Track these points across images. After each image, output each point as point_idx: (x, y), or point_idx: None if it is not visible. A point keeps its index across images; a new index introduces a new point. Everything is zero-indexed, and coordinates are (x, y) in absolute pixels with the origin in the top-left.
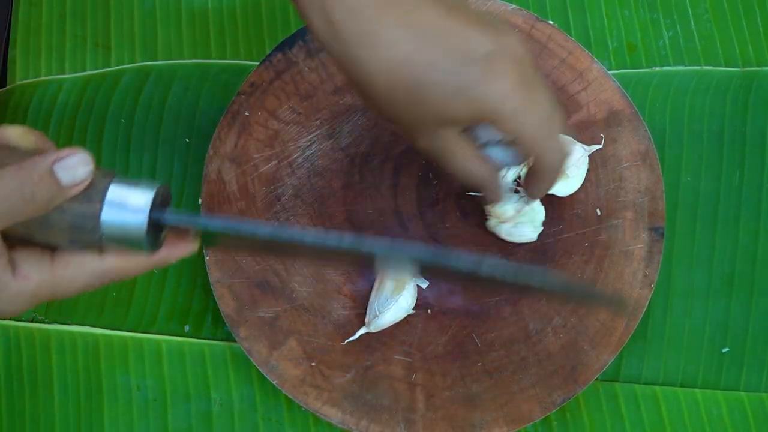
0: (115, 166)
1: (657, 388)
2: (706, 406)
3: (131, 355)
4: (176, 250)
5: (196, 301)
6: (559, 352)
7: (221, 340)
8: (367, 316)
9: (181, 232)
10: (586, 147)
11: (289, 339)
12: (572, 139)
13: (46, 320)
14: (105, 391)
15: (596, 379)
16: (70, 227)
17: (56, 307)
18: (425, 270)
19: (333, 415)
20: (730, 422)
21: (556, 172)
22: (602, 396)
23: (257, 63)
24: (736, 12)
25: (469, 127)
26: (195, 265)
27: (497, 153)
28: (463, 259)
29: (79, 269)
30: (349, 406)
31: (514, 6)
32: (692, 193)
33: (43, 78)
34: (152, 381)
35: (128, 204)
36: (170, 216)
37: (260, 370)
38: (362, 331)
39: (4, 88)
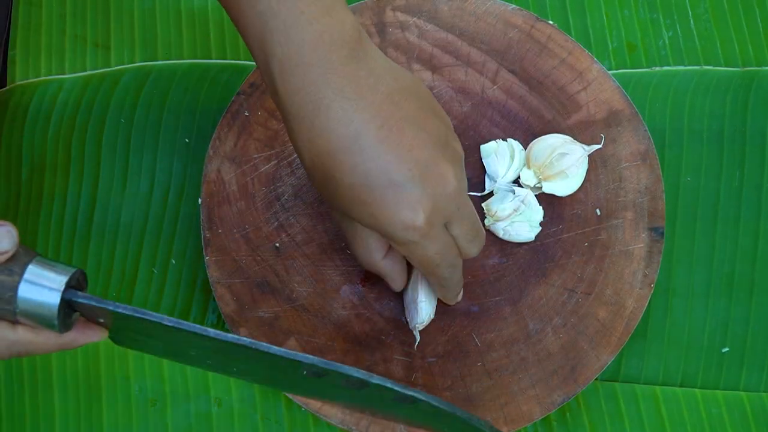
0: (115, 166)
1: (657, 387)
2: (706, 406)
3: (131, 355)
4: (85, 335)
5: (195, 301)
6: (558, 352)
7: None
8: (412, 311)
9: (92, 319)
10: (585, 147)
11: (289, 339)
12: (571, 139)
13: None
14: (104, 391)
15: (596, 378)
16: None
17: None
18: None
19: (333, 415)
20: (730, 422)
21: (447, 298)
22: (602, 396)
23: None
24: (736, 12)
25: None
26: (195, 265)
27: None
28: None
29: None
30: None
31: (514, 6)
32: (692, 193)
33: (43, 78)
34: (152, 381)
35: (45, 282)
36: (81, 298)
37: None
38: (419, 327)
39: (4, 88)
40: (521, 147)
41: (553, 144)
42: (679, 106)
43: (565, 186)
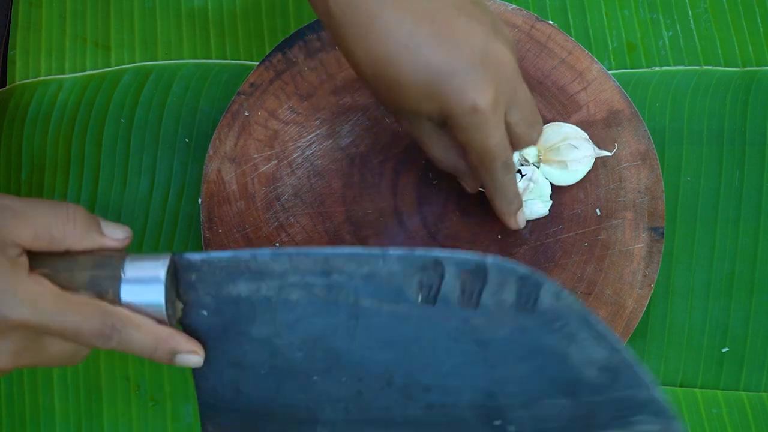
0: (115, 166)
1: None
2: (706, 406)
3: (131, 354)
4: (183, 337)
5: None
6: None
7: None
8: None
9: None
10: (596, 149)
11: None
12: (587, 137)
13: None
14: (104, 389)
15: None
16: (92, 275)
17: None
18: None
19: None
20: (730, 422)
21: (505, 200)
22: None
23: (257, 63)
24: (736, 12)
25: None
26: None
27: None
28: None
29: (90, 301)
30: None
31: (513, 6)
32: (692, 193)
33: (43, 78)
34: (152, 381)
35: (146, 268)
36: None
37: None
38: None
39: (4, 88)
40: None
41: (567, 133)
42: (679, 106)
43: (560, 176)
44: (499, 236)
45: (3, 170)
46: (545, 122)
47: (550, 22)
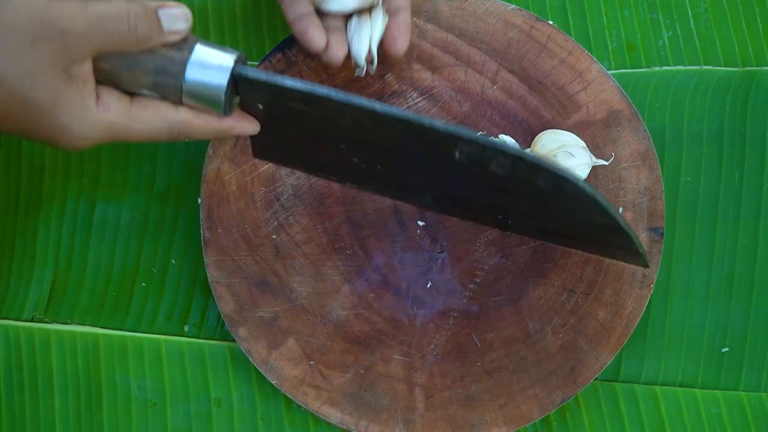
0: (114, 165)
1: (656, 387)
2: (706, 406)
3: (131, 354)
4: (241, 124)
5: (195, 301)
6: (558, 352)
7: (221, 340)
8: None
9: (249, 109)
10: (593, 158)
11: (289, 339)
12: (584, 145)
13: (47, 320)
14: (104, 390)
15: (595, 379)
16: (156, 70)
17: (56, 307)
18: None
19: (332, 415)
20: (730, 422)
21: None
22: (602, 396)
23: (257, 63)
24: (736, 12)
25: None
26: (195, 265)
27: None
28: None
29: (155, 113)
30: (349, 406)
31: (513, 6)
32: (692, 193)
33: None
34: (152, 381)
35: (212, 62)
36: (251, 72)
37: (259, 370)
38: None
39: None
40: (514, 141)
41: (564, 141)
42: (678, 106)
43: None
44: (499, 237)
45: (3, 170)
46: (544, 123)
47: (550, 22)
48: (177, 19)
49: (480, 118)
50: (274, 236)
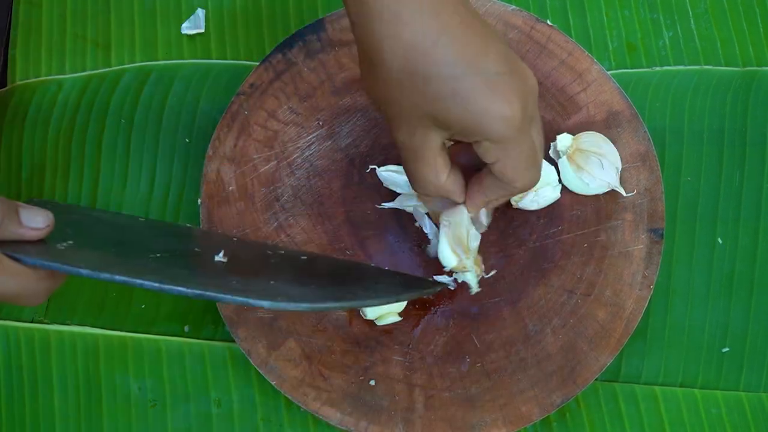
0: (114, 166)
1: (656, 388)
2: (706, 406)
3: (131, 355)
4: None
5: (195, 301)
6: (558, 353)
7: (221, 340)
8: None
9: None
10: (617, 182)
11: (288, 340)
12: (619, 168)
13: (46, 320)
14: (104, 391)
15: (596, 379)
16: None
17: (56, 308)
18: None
19: (332, 415)
20: (729, 422)
21: (503, 201)
22: (602, 396)
23: (257, 63)
24: (736, 12)
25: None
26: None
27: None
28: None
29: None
30: (348, 406)
31: (513, 6)
32: (692, 193)
33: (43, 78)
34: (152, 381)
35: None
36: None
37: (259, 370)
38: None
39: (4, 88)
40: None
41: (605, 152)
42: (679, 106)
43: (569, 178)
44: (498, 237)
45: (3, 170)
46: (544, 123)
47: (550, 22)
48: (36, 216)
49: None
50: (274, 237)
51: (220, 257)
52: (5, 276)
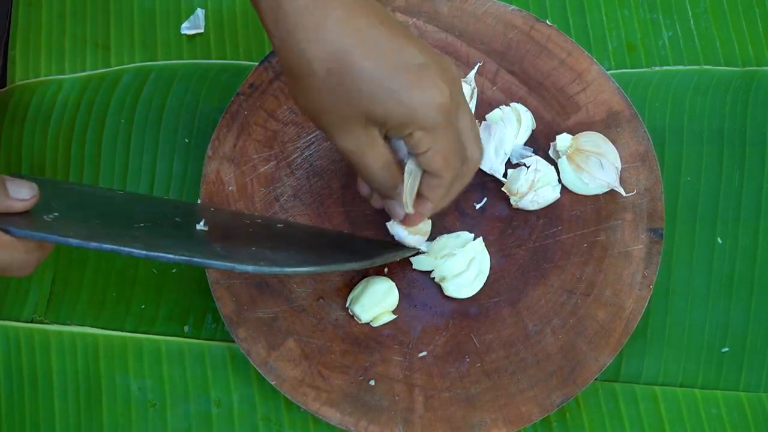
0: (114, 166)
1: (656, 388)
2: (706, 406)
3: (131, 355)
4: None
5: (195, 301)
6: (558, 353)
7: (220, 340)
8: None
9: None
10: (617, 182)
11: (288, 340)
12: (619, 168)
13: (46, 321)
14: (104, 391)
15: (595, 379)
16: None
17: (56, 308)
18: None
19: (332, 415)
20: (729, 422)
21: (438, 203)
22: (602, 396)
23: (257, 63)
24: (736, 12)
25: (389, 137)
26: (194, 266)
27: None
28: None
29: None
30: (348, 406)
31: (513, 7)
32: (692, 193)
33: (43, 78)
34: (151, 381)
35: None
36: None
37: (259, 370)
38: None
39: (4, 88)
40: (525, 108)
41: (605, 151)
42: (679, 105)
43: (569, 177)
44: (498, 237)
45: (3, 170)
46: (544, 123)
47: (550, 23)
48: (22, 188)
49: (480, 120)
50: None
51: (201, 226)
52: None
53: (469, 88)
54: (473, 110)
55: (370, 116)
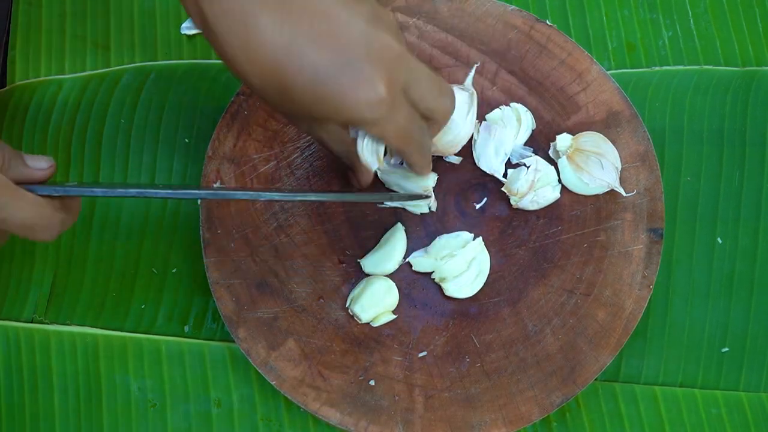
0: (114, 166)
1: (656, 388)
2: (706, 406)
3: (131, 355)
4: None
5: (195, 301)
6: (557, 353)
7: (220, 340)
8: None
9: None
10: (617, 182)
11: (288, 340)
12: (619, 168)
13: (46, 321)
14: (104, 391)
15: (595, 379)
16: None
17: (56, 308)
18: None
19: (332, 415)
20: (729, 422)
21: (422, 170)
22: (602, 396)
23: None
24: (736, 12)
25: None
26: (194, 266)
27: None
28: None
29: None
30: (348, 406)
31: (513, 7)
32: (692, 193)
33: (43, 78)
34: (151, 381)
35: None
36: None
37: (259, 370)
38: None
39: (4, 88)
40: (525, 108)
41: (605, 151)
42: (679, 105)
43: (569, 178)
44: (498, 237)
45: None
46: (544, 123)
47: (550, 22)
48: (40, 160)
49: (480, 119)
50: (273, 237)
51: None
52: (23, 203)
53: (467, 93)
54: (474, 114)
55: (313, 119)
